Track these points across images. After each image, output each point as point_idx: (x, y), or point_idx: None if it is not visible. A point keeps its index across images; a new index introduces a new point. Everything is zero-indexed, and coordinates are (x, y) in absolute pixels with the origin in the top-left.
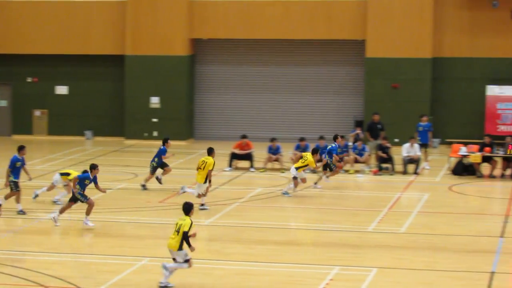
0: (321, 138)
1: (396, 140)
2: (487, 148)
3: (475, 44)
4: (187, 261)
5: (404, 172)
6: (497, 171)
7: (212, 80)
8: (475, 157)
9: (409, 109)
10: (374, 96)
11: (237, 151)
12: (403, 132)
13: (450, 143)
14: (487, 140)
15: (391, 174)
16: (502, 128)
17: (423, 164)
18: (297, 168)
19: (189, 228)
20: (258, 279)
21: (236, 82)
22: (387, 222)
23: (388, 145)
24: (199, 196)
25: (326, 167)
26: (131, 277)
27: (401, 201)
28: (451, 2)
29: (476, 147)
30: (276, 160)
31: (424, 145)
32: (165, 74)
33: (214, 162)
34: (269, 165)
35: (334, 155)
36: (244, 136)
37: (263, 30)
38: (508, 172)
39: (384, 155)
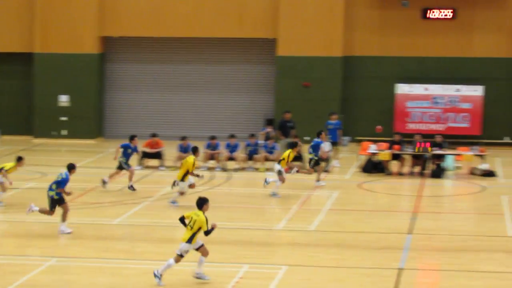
0: (232, 136)
1: (307, 138)
2: (396, 146)
3: (385, 43)
4: (201, 246)
5: (315, 170)
6: (406, 169)
7: (123, 78)
8: (384, 154)
9: (320, 108)
10: (285, 95)
11: (147, 149)
12: (314, 130)
13: (360, 141)
14: (396, 138)
15: (302, 172)
16: (411, 126)
17: (333, 162)
18: (279, 162)
19: (207, 225)
20: (167, 278)
21: (147, 81)
22: (297, 220)
23: (299, 143)
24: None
25: (314, 164)
26: (39, 278)
27: (311, 199)
28: (362, 1)
29: (385, 145)
30: None
31: (334, 143)
32: (75, 72)
33: (194, 161)
34: (180, 164)
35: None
36: (154, 135)
37: (174, 28)
38: (416, 169)
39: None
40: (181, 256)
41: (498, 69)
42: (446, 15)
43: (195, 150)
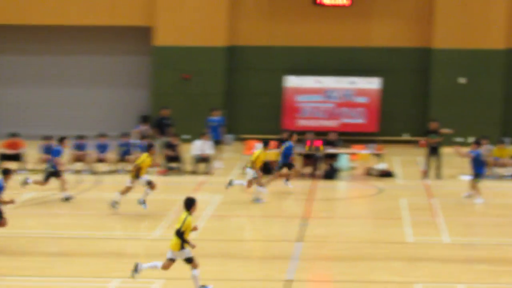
0: (102, 135)
1: (186, 136)
2: None
3: (274, 31)
4: (190, 259)
5: (195, 172)
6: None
7: None
8: (271, 154)
9: (201, 103)
10: (162, 89)
11: (5, 150)
12: (194, 127)
13: (245, 139)
14: (285, 135)
15: (180, 174)
16: (302, 123)
17: (215, 163)
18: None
19: (182, 224)
20: None
21: (6, 73)
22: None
23: (177, 142)
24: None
25: (284, 167)
26: None
27: None
28: None
29: (273, 143)
30: None
31: (216, 142)
32: None
33: (149, 159)
34: (44, 167)
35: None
36: (13, 134)
37: (39, 15)
38: (307, 170)
39: (172, 153)
40: (188, 261)
41: (397, 60)
42: (340, 1)
43: (148, 147)
